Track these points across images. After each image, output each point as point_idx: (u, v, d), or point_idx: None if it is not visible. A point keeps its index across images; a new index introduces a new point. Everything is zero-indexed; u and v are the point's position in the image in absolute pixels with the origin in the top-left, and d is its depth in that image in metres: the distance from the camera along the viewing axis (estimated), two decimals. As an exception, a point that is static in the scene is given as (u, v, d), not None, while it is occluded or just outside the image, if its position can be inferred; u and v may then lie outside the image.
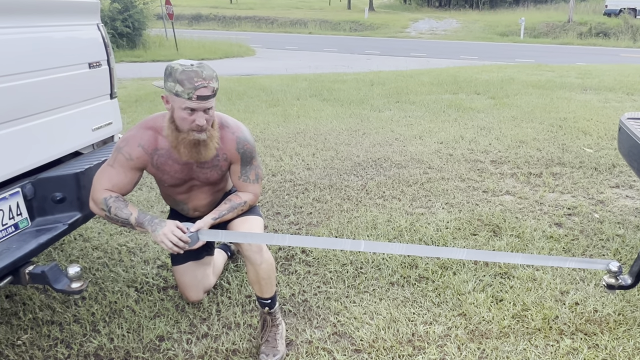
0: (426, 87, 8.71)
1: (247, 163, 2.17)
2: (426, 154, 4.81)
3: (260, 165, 2.24)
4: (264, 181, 4.12)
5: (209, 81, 1.88)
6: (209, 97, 1.90)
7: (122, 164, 2.04)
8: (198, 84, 1.85)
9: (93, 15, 2.45)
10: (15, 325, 2.32)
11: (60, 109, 2.24)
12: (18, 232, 2.00)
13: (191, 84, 1.85)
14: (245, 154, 2.14)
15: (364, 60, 15.30)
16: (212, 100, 1.93)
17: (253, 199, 2.23)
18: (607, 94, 8.07)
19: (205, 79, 1.87)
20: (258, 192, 2.25)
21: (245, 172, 2.18)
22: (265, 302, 2.15)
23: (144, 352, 2.14)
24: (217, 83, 1.93)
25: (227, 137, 2.10)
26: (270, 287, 2.14)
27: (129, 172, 2.06)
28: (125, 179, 2.06)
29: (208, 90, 1.88)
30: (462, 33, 27.42)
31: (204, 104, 1.90)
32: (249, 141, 2.14)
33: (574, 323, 2.28)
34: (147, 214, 2.04)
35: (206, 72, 1.89)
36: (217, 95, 1.99)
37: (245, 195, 2.20)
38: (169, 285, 2.63)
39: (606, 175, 4.22)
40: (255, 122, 6.19)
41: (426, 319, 2.34)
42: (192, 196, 2.26)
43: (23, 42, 2.01)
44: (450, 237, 3.11)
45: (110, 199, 2.03)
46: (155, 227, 2.00)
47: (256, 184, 2.22)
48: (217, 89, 1.93)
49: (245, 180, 2.19)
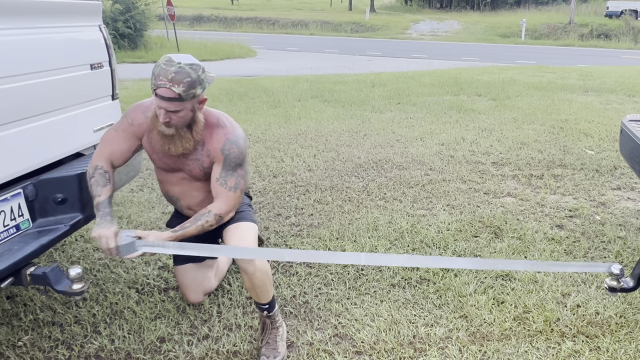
0: (427, 89, 8.71)
1: (229, 167, 2.06)
2: (427, 156, 4.81)
3: (245, 177, 2.12)
4: (265, 182, 4.12)
5: (173, 84, 1.82)
6: (169, 99, 1.84)
7: (125, 128, 2.11)
8: (160, 83, 1.83)
9: (95, 17, 2.45)
10: (16, 326, 2.32)
11: (62, 110, 2.24)
12: (19, 233, 2.00)
13: (156, 79, 1.85)
14: (230, 157, 2.05)
15: (365, 62, 15.30)
16: (173, 104, 1.86)
17: (224, 210, 2.07)
18: (609, 95, 8.07)
19: (170, 80, 1.81)
20: (233, 202, 2.09)
21: (224, 175, 2.06)
22: (264, 307, 2.14)
23: (144, 354, 2.14)
24: (183, 89, 1.83)
25: (218, 135, 2.05)
26: (267, 293, 2.11)
27: (128, 139, 2.11)
28: (125, 145, 2.11)
29: (168, 92, 1.83)
30: (463, 34, 27.42)
31: (164, 104, 1.86)
32: (239, 146, 2.06)
33: (575, 325, 2.28)
34: (108, 208, 2.01)
35: (176, 75, 1.82)
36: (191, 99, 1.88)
37: (214, 205, 2.06)
38: (170, 287, 2.63)
39: (608, 177, 4.21)
40: (257, 123, 6.19)
41: (427, 321, 2.33)
42: (184, 192, 2.24)
43: (25, 44, 2.01)
44: (452, 239, 3.11)
45: (99, 170, 2.06)
46: (99, 223, 1.96)
47: (233, 192, 2.07)
48: (182, 94, 1.84)
49: (222, 184, 2.07)
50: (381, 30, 29.61)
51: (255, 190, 3.98)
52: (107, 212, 2.00)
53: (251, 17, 34.58)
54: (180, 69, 1.83)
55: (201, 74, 1.89)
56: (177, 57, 1.87)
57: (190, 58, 1.90)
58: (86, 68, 2.36)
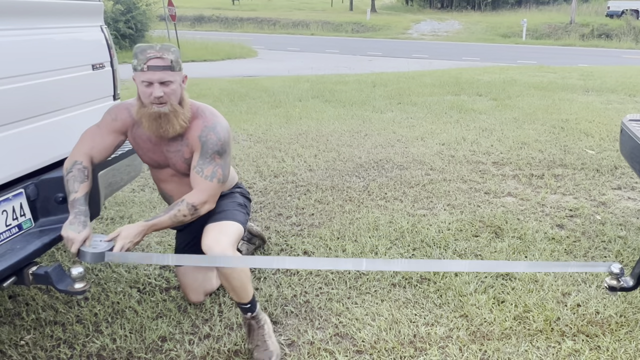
0: (428, 89, 8.72)
1: (207, 155, 2.02)
2: (428, 156, 4.81)
3: (225, 167, 2.07)
4: (266, 182, 4.13)
5: (162, 52, 1.91)
6: (161, 67, 1.91)
7: (107, 124, 2.12)
8: (150, 55, 1.89)
9: (96, 17, 2.46)
10: (18, 326, 2.33)
11: (64, 110, 2.25)
12: (22, 232, 2.01)
13: (143, 55, 1.90)
14: (207, 144, 2.02)
15: (365, 62, 15.30)
16: (167, 73, 1.92)
17: (198, 200, 2.01)
18: (609, 95, 8.07)
19: (159, 50, 1.91)
20: (209, 192, 2.03)
21: (201, 163, 2.03)
22: (245, 306, 2.10)
23: (146, 353, 2.15)
24: (173, 56, 1.94)
25: (197, 124, 2.06)
26: (247, 292, 2.07)
27: (110, 134, 2.12)
28: (106, 141, 2.11)
29: (160, 60, 1.90)
30: (464, 34, 27.42)
31: (158, 74, 1.91)
32: (216, 133, 2.03)
33: (575, 325, 2.28)
34: (84, 206, 1.98)
35: (163, 47, 1.93)
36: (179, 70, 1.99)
37: (189, 195, 2.02)
38: (171, 286, 2.64)
39: (608, 177, 4.21)
40: (258, 123, 6.20)
41: (428, 320, 2.34)
42: (175, 190, 2.24)
43: (27, 44, 2.02)
44: (452, 239, 3.11)
45: (78, 166, 2.04)
46: (71, 221, 1.93)
47: (209, 182, 2.02)
48: (173, 61, 1.93)
49: (198, 172, 2.02)
50: (382, 31, 29.60)
51: (257, 190, 3.99)
52: (82, 212, 1.96)
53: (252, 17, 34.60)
54: (162, 44, 1.95)
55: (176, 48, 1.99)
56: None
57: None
58: (88, 68, 2.37)
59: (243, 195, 2.44)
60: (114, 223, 3.41)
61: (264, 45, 20.72)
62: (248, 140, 5.44)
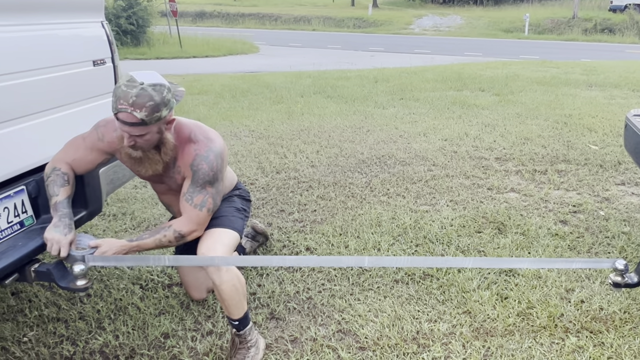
0: (430, 84, 8.69)
1: (197, 184, 1.94)
2: (430, 151, 4.80)
3: (215, 196, 1.99)
4: (268, 178, 4.12)
5: (134, 108, 1.72)
6: (131, 124, 1.75)
7: (93, 140, 2.03)
8: (120, 107, 1.74)
9: (97, 13, 2.45)
10: (21, 322, 2.33)
11: (65, 106, 2.24)
12: (23, 229, 2.00)
13: (116, 103, 1.75)
14: (198, 174, 1.93)
15: (367, 57, 15.26)
16: (136, 129, 1.77)
17: (186, 228, 1.95)
18: (613, 90, 8.03)
19: (132, 105, 1.72)
20: (197, 221, 1.95)
21: (192, 192, 1.95)
22: (234, 322, 2.02)
23: (149, 349, 2.15)
24: (146, 113, 1.73)
25: (189, 151, 1.95)
26: (237, 309, 1.99)
27: (94, 152, 2.04)
28: (89, 156, 2.04)
29: (129, 117, 1.74)
30: (466, 29, 27.32)
31: (127, 129, 1.78)
32: (209, 162, 1.93)
33: (579, 321, 2.28)
34: (67, 209, 1.94)
35: (138, 99, 1.71)
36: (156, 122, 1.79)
37: (177, 221, 1.97)
38: (174, 283, 2.64)
39: (612, 173, 4.19)
40: (259, 119, 6.19)
41: (431, 316, 2.33)
42: (173, 200, 2.21)
43: (27, 40, 2.01)
44: (455, 235, 3.10)
45: (57, 172, 1.99)
46: (55, 224, 1.89)
47: (198, 211, 1.94)
48: (146, 118, 1.74)
49: (188, 200, 1.95)
50: (384, 26, 29.53)
51: (258, 186, 3.98)
52: (66, 214, 1.91)
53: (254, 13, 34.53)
54: (142, 92, 1.72)
55: (166, 94, 1.78)
56: (140, 76, 1.77)
57: (154, 77, 1.80)
58: (89, 64, 2.36)
59: (242, 198, 2.38)
60: (116, 219, 3.40)
61: (265, 41, 20.68)
62: (250, 136, 5.43)
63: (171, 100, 1.83)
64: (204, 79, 9.88)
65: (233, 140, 5.25)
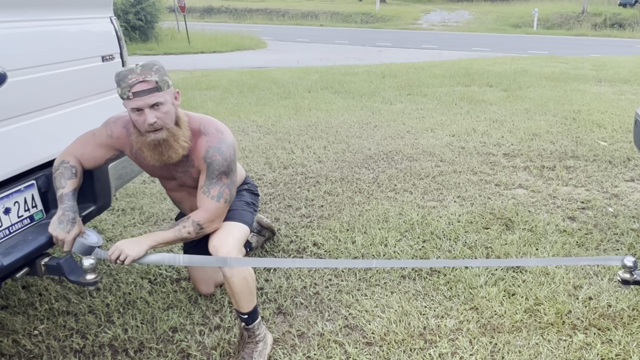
0: (438, 80, 8.66)
1: (213, 176, 1.96)
2: (438, 147, 4.78)
3: (232, 186, 2.02)
4: (275, 173, 4.13)
5: (145, 75, 1.78)
6: (147, 91, 1.78)
7: (102, 136, 2.04)
8: (132, 81, 1.78)
9: (106, 8, 2.46)
10: (31, 316, 2.35)
11: (74, 102, 2.25)
12: (33, 224, 2.02)
13: (125, 82, 1.79)
14: (212, 165, 1.95)
15: (375, 53, 15.22)
16: (155, 95, 1.80)
17: (205, 219, 1.96)
18: (622, 86, 7.96)
19: (141, 73, 1.78)
20: (216, 212, 1.98)
21: (208, 184, 1.97)
22: (243, 316, 2.03)
23: (157, 343, 2.16)
24: (157, 76, 1.80)
25: (201, 144, 1.96)
26: (246, 302, 2.00)
27: (103, 148, 2.04)
28: (98, 152, 2.04)
29: (145, 84, 1.78)
30: (474, 24, 27.16)
31: (145, 99, 1.79)
32: (222, 153, 1.95)
33: (587, 318, 2.27)
34: (72, 201, 1.94)
35: (143, 68, 1.80)
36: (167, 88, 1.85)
37: (196, 213, 1.97)
38: (182, 277, 2.65)
39: (621, 169, 4.17)
40: (267, 114, 6.19)
41: (438, 312, 2.34)
42: (184, 197, 2.22)
43: (37, 36, 2.02)
44: (462, 231, 3.10)
45: (65, 164, 2.00)
46: (59, 218, 1.90)
47: (216, 202, 1.97)
48: (159, 81, 1.81)
49: (205, 192, 1.97)
50: (391, 21, 29.41)
51: (266, 181, 3.99)
52: (70, 207, 1.91)
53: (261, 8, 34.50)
54: (144, 63, 1.82)
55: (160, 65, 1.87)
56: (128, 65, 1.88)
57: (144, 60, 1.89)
58: (97, 60, 2.37)
59: (251, 192, 2.40)
60: (124, 214, 3.43)
61: (273, 37, 20.66)
62: (257, 131, 5.44)
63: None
64: (212, 75, 9.90)
65: (241, 135, 5.26)
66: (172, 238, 1.95)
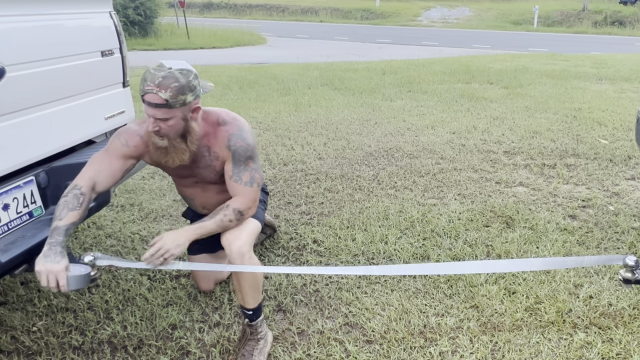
0: (438, 77, 8.64)
1: (240, 162, 1.98)
2: (438, 144, 4.77)
3: (259, 170, 2.04)
4: (275, 170, 4.12)
5: (159, 89, 1.72)
6: (155, 105, 1.75)
7: (116, 148, 1.98)
8: (147, 89, 1.74)
9: (105, 3, 2.44)
10: (30, 312, 2.34)
11: (73, 97, 2.24)
12: (32, 220, 2.01)
13: (142, 84, 1.76)
14: (238, 152, 1.96)
15: (375, 49, 15.19)
16: (162, 111, 1.76)
17: (244, 205, 1.98)
18: (623, 84, 7.95)
19: (158, 85, 1.72)
20: (251, 197, 2.00)
21: (237, 172, 1.98)
22: (247, 312, 2.04)
23: (156, 340, 2.16)
24: (171, 94, 1.73)
25: (221, 134, 1.97)
26: (253, 298, 2.02)
27: (120, 159, 1.97)
28: (115, 165, 1.97)
29: (154, 98, 1.73)
30: (475, 21, 27.11)
31: (151, 111, 1.77)
32: (244, 139, 1.97)
33: (587, 317, 2.26)
34: (62, 237, 1.78)
35: (164, 80, 1.73)
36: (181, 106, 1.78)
37: (233, 201, 1.99)
38: (182, 274, 2.64)
39: (621, 167, 4.16)
40: (267, 111, 6.18)
41: (438, 310, 2.33)
42: (197, 193, 2.20)
43: (36, 30, 2.00)
44: (463, 229, 3.09)
45: (74, 191, 1.88)
46: (45, 254, 1.73)
47: (249, 187, 1.99)
48: (170, 100, 1.74)
49: (236, 180, 1.98)
50: (392, 17, 29.36)
51: (266, 178, 3.98)
52: (59, 242, 1.77)
53: (261, 4, 34.41)
54: (169, 74, 1.74)
55: (192, 79, 1.79)
56: (169, 62, 1.79)
57: (183, 64, 1.81)
58: (97, 55, 2.36)
59: (263, 191, 2.42)
60: (124, 210, 3.41)
61: (272, 32, 20.62)
62: (257, 128, 5.42)
63: (197, 88, 1.83)
64: (212, 70, 9.87)
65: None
66: (214, 229, 1.95)
